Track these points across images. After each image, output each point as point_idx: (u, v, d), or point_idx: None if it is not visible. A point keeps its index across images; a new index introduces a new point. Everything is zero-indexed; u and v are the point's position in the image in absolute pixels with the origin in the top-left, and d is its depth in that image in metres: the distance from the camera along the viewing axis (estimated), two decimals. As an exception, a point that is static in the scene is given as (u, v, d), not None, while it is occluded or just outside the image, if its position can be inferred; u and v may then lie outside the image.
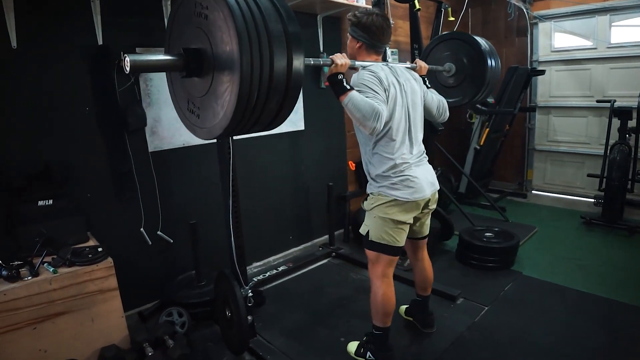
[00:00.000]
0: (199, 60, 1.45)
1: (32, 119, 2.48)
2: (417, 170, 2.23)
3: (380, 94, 2.02)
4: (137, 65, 1.36)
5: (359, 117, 1.93)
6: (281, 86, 1.42)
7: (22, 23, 2.36)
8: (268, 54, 1.36)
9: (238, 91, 1.33)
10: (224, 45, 1.35)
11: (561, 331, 2.69)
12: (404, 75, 2.28)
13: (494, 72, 2.97)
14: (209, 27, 1.39)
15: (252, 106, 1.39)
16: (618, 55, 4.90)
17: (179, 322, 2.73)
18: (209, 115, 1.52)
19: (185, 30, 1.53)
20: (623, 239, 4.10)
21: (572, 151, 5.51)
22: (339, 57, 2.00)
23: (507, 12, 5.42)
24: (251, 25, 1.33)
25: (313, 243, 4.26)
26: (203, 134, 1.60)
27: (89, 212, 2.67)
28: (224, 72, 1.37)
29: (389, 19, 2.26)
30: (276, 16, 1.42)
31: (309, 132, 4.01)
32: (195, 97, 1.58)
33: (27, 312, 2.05)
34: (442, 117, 2.52)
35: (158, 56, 1.44)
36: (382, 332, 2.37)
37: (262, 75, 1.36)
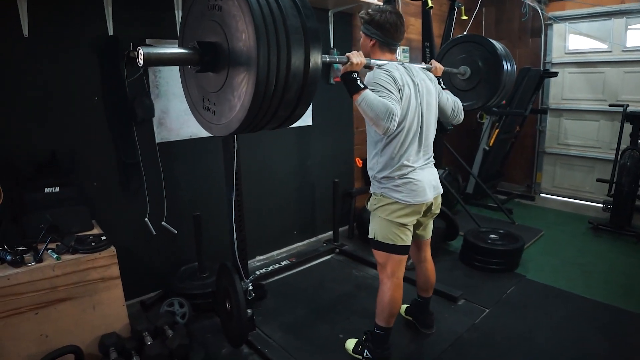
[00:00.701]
0: (214, 54, 1.43)
1: (41, 108, 2.50)
2: (421, 173, 2.21)
3: (394, 93, 1.99)
4: (152, 58, 1.33)
5: (372, 116, 1.90)
6: (298, 79, 1.39)
7: (34, 12, 2.39)
8: (285, 46, 1.33)
9: (255, 79, 1.30)
10: (240, 34, 1.32)
11: (562, 336, 2.67)
12: (419, 75, 2.26)
13: (510, 76, 2.93)
14: (223, 18, 1.38)
15: (269, 96, 1.36)
16: (633, 59, 4.83)
17: (179, 312, 2.76)
18: (225, 110, 1.51)
19: (199, 24, 1.52)
20: (630, 246, 4.06)
21: (583, 155, 5.45)
22: (355, 56, 1.96)
23: (522, 12, 5.35)
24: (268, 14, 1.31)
25: (317, 239, 4.27)
26: (219, 130, 1.57)
27: (94, 200, 2.71)
28: (240, 63, 1.35)
29: (402, 16, 2.23)
30: (294, 10, 1.40)
31: (317, 128, 4.01)
32: (210, 93, 1.56)
33: (30, 297, 2.08)
34: (457, 119, 2.48)
35: (172, 49, 1.42)
36: (383, 332, 2.37)
37: (280, 66, 1.33)
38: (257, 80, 1.30)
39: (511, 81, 2.98)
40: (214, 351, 2.58)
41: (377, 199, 2.26)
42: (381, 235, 2.24)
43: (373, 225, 2.30)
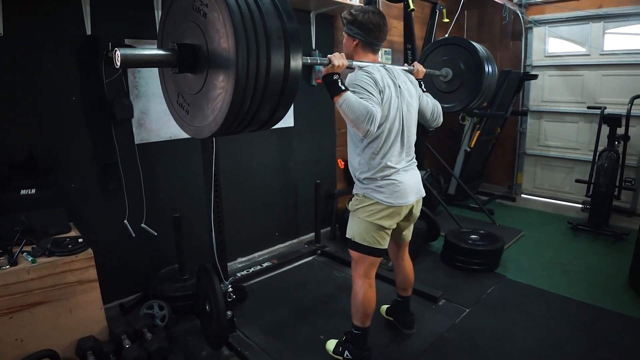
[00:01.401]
0: (193, 57, 1.40)
1: (17, 108, 2.46)
2: (405, 175, 2.21)
3: (375, 95, 2.00)
4: (129, 59, 1.30)
5: (352, 118, 1.90)
6: (278, 82, 1.37)
7: (10, 10, 2.34)
8: (265, 49, 1.31)
9: (231, 100, 1.28)
10: (220, 48, 1.30)
11: (542, 336, 2.70)
12: (400, 77, 2.27)
13: (491, 79, 2.96)
14: (206, 26, 1.35)
15: (244, 112, 1.35)
16: (611, 62, 4.92)
17: (159, 315, 2.73)
18: (198, 116, 1.48)
19: (180, 24, 1.48)
20: (608, 245, 4.13)
21: (562, 156, 5.54)
22: (337, 58, 1.96)
23: (503, 15, 5.41)
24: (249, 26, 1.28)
25: (299, 240, 4.26)
26: (190, 131, 1.56)
27: (72, 202, 2.67)
28: (219, 74, 1.33)
29: (384, 16, 2.24)
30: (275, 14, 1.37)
31: (299, 129, 4.00)
32: (186, 93, 1.53)
33: (4, 301, 2.04)
34: (436, 122, 2.50)
35: (150, 51, 1.39)
36: (361, 332, 2.37)
37: (258, 78, 1.31)
38: (232, 102, 1.28)
39: (493, 83, 3.01)
40: (193, 354, 2.56)
41: (358, 199, 2.25)
42: (359, 236, 2.24)
43: (352, 225, 2.29)
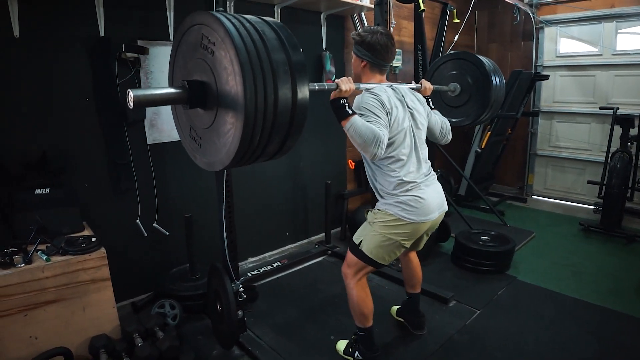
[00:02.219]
0: (202, 94, 1.42)
1: (32, 108, 2.49)
2: (427, 190, 2.19)
3: (382, 117, 2.01)
4: (141, 100, 1.33)
5: (360, 142, 1.92)
6: (285, 121, 1.39)
7: (25, 12, 2.38)
8: (272, 92, 1.32)
9: (241, 136, 1.30)
10: (229, 86, 1.31)
11: (552, 337, 2.69)
12: (408, 96, 2.28)
13: (499, 92, 2.96)
14: (214, 63, 1.36)
15: (254, 146, 1.37)
16: (623, 62, 4.88)
17: (170, 314, 2.75)
18: (210, 149, 1.50)
19: (190, 59, 1.50)
20: (620, 247, 4.09)
21: (574, 157, 5.50)
22: (344, 82, 1.96)
23: (514, 15, 5.40)
24: (256, 64, 1.29)
25: (309, 240, 4.27)
26: (203, 164, 1.58)
27: (85, 202, 2.69)
28: (228, 112, 1.34)
29: (392, 37, 2.25)
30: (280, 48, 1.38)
31: (309, 130, 3.97)
32: (198, 127, 1.55)
33: (19, 299, 2.07)
34: (445, 139, 2.50)
35: (161, 90, 1.40)
36: (365, 332, 2.38)
37: (267, 113, 1.32)
38: (242, 137, 1.30)
39: (501, 96, 3.01)
40: (204, 353, 2.58)
41: (379, 213, 2.21)
42: (368, 248, 2.21)
43: (365, 234, 2.25)
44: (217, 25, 1.31)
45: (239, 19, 1.37)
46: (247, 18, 1.40)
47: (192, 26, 1.47)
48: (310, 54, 3.90)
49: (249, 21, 1.39)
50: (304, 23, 3.80)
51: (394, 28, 4.57)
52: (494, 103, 2.94)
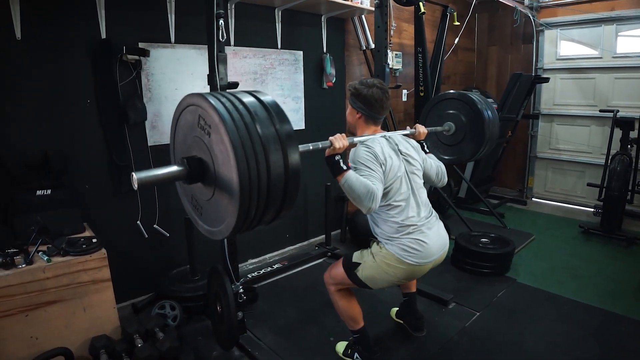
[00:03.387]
0: (201, 171, 1.48)
1: (33, 110, 2.51)
2: (429, 233, 2.20)
3: (375, 170, 2.05)
4: (144, 182, 1.38)
5: (354, 197, 1.97)
6: (279, 192, 1.45)
7: (27, 15, 2.40)
8: (265, 172, 1.38)
9: (237, 215, 1.37)
10: (225, 169, 1.38)
11: (552, 340, 2.69)
12: (402, 144, 2.32)
13: (492, 126, 3.00)
14: (211, 145, 1.42)
15: (251, 219, 1.43)
16: (623, 65, 4.89)
17: (171, 315, 2.76)
18: (209, 220, 1.57)
19: (189, 134, 1.56)
20: (620, 250, 4.09)
21: (574, 160, 5.51)
22: (338, 140, 2.02)
23: (514, 18, 5.41)
24: (249, 147, 1.34)
25: (309, 242, 4.28)
26: (205, 231, 1.64)
27: (86, 203, 2.71)
28: (224, 193, 1.41)
29: (388, 91, 2.31)
30: (269, 121, 1.44)
31: (309, 132, 4.02)
32: (198, 198, 1.62)
33: (20, 299, 2.08)
34: (441, 183, 2.54)
35: (162, 170, 1.45)
36: (359, 334, 2.40)
37: (260, 193, 1.38)
38: (240, 208, 1.36)
39: (495, 130, 3.05)
40: (204, 354, 2.58)
41: (383, 250, 2.21)
42: (364, 275, 2.23)
43: (364, 261, 2.24)
44: (211, 111, 1.37)
45: (233, 102, 1.42)
46: (240, 99, 1.45)
47: (189, 106, 1.54)
48: (311, 57, 3.92)
49: (242, 102, 1.43)
50: (304, 25, 3.81)
51: (394, 30, 4.59)
52: (489, 138, 2.99)
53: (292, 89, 3.84)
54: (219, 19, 2.23)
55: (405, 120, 5.10)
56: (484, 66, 6.27)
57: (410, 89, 4.89)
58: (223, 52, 2.33)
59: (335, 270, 2.36)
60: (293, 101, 3.86)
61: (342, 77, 4.25)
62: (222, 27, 2.24)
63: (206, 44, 2.35)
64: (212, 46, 2.30)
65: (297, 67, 3.84)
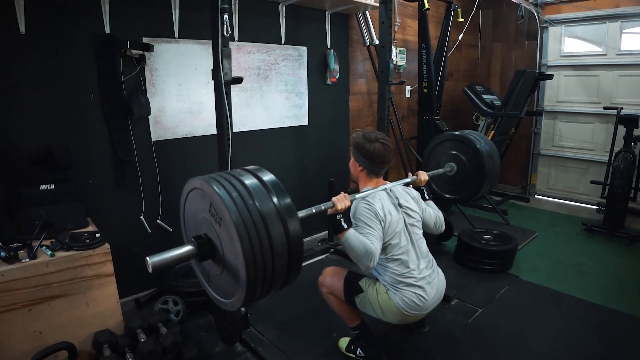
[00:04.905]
0: (210, 250, 1.52)
1: (37, 105, 2.51)
2: (428, 289, 2.26)
3: (375, 228, 2.12)
4: (157, 265, 1.42)
5: (353, 256, 2.05)
6: (284, 268, 1.48)
7: (31, 9, 2.40)
8: (271, 260, 1.42)
9: (244, 296, 1.43)
10: (232, 258, 1.43)
11: (555, 337, 2.69)
12: (402, 196, 2.37)
13: (493, 172, 3.06)
14: (222, 234, 1.46)
15: (259, 291, 1.48)
16: (628, 62, 4.87)
17: (174, 310, 2.76)
18: (219, 293, 1.63)
19: (199, 214, 1.58)
20: (623, 247, 4.09)
21: (577, 157, 5.50)
22: (340, 200, 2.06)
23: (518, 15, 5.39)
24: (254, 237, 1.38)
25: (312, 238, 4.28)
26: (214, 299, 1.68)
27: (90, 198, 2.71)
28: (232, 277, 1.46)
29: (389, 145, 2.35)
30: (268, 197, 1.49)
31: (313, 127, 4.02)
32: (209, 271, 1.66)
33: (24, 294, 2.09)
34: (438, 231, 2.61)
35: (174, 252, 1.48)
36: (359, 330, 2.43)
37: (266, 277, 1.43)
38: (246, 293, 1.41)
39: (496, 169, 3.11)
40: (207, 349, 2.59)
41: (383, 292, 2.27)
42: (361, 304, 2.32)
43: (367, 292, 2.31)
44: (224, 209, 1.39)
45: (243, 197, 1.43)
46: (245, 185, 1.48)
47: (194, 189, 1.60)
48: (315, 52, 3.91)
49: (251, 195, 1.45)
50: (308, 21, 3.80)
51: (398, 26, 4.58)
52: (489, 176, 3.04)
53: (296, 84, 3.83)
54: (223, 13, 2.23)
55: (409, 117, 5.09)
56: (487, 63, 6.25)
57: (414, 85, 4.88)
58: (227, 47, 2.32)
59: (333, 281, 2.42)
60: (297, 97, 3.86)
61: (346, 73, 4.24)
62: (226, 22, 2.24)
63: (210, 39, 2.34)
64: (217, 41, 2.29)
65: (301, 62, 3.83)
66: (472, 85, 5.37)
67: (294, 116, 3.87)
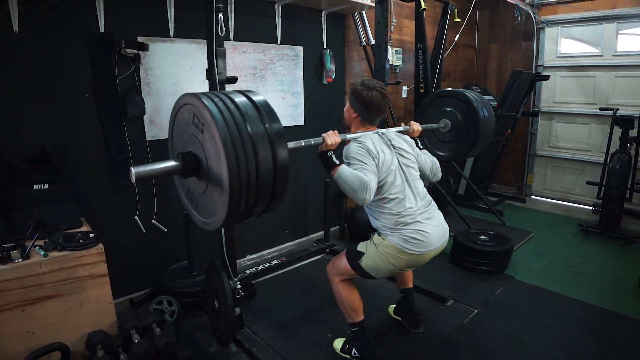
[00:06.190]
0: (195, 166, 1.54)
1: (31, 104, 2.49)
2: (428, 223, 2.21)
3: (368, 164, 2.08)
4: (142, 176, 1.45)
5: (348, 190, 2.02)
6: (269, 186, 1.51)
7: (25, 7, 2.38)
8: (255, 168, 1.43)
9: (227, 208, 1.43)
10: (216, 166, 1.44)
11: (550, 337, 2.69)
12: (395, 139, 2.35)
13: (488, 125, 3.01)
14: (204, 142, 1.48)
15: (241, 211, 1.49)
16: (624, 63, 4.88)
17: (168, 310, 2.75)
18: (204, 212, 1.64)
19: (185, 131, 1.61)
20: (619, 248, 4.10)
21: (573, 158, 5.51)
22: (330, 136, 2.08)
23: (515, 15, 5.40)
24: (239, 144, 1.39)
25: (308, 238, 4.27)
26: (199, 222, 1.70)
27: (84, 197, 2.69)
28: (216, 187, 1.47)
29: (387, 94, 2.32)
30: (260, 122, 1.49)
31: (309, 128, 4.01)
32: (194, 191, 1.68)
33: (16, 294, 2.07)
34: (435, 178, 2.57)
35: (159, 165, 1.52)
36: (358, 328, 2.40)
37: (250, 188, 1.44)
38: (230, 202, 1.42)
39: (490, 128, 3.07)
40: (201, 349, 2.58)
41: (385, 241, 2.23)
42: (368, 266, 2.25)
43: (368, 252, 2.26)
44: (204, 110, 1.43)
45: (225, 102, 1.48)
46: (232, 98, 1.51)
47: (184, 105, 1.59)
48: (311, 52, 3.90)
49: (234, 102, 1.49)
50: (304, 21, 3.79)
51: (394, 27, 4.57)
52: (484, 137, 3.01)
53: (292, 84, 3.82)
54: (218, 13, 2.22)
55: (405, 117, 5.08)
56: (484, 63, 6.26)
57: (410, 86, 4.87)
58: (222, 46, 2.32)
59: (338, 261, 2.37)
60: (292, 97, 3.85)
61: (342, 73, 4.23)
62: (221, 21, 2.24)
63: (205, 39, 2.33)
64: (212, 41, 2.28)
65: (297, 62, 3.82)
66: (469, 85, 5.37)
67: (289, 116, 3.85)
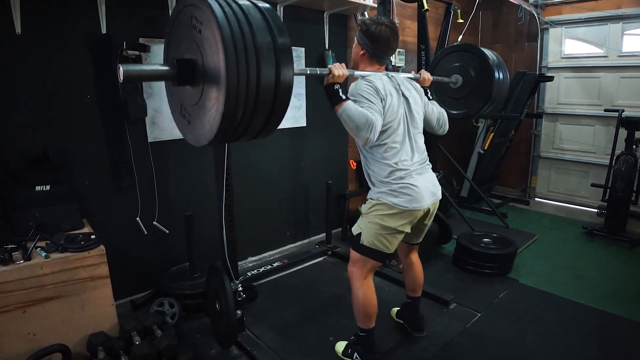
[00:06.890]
0: (190, 71, 1.48)
1: (33, 105, 2.49)
2: (419, 178, 2.18)
3: (375, 103, 2.01)
4: (131, 74, 1.38)
5: (352, 127, 1.94)
6: (269, 100, 1.44)
7: (27, 9, 2.38)
8: (255, 70, 1.37)
9: (222, 110, 1.35)
10: (213, 62, 1.37)
11: (553, 341, 2.67)
12: (404, 84, 2.27)
13: (502, 86, 2.91)
14: (201, 41, 1.42)
15: (237, 122, 1.42)
16: (629, 64, 4.85)
17: (169, 312, 2.75)
18: (197, 124, 1.57)
19: (182, 39, 1.55)
20: (624, 252, 4.06)
21: (578, 160, 5.47)
22: (337, 68, 1.99)
23: (518, 16, 5.36)
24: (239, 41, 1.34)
25: (310, 240, 4.26)
26: (191, 139, 1.64)
27: (85, 199, 2.69)
28: (212, 86, 1.39)
29: (397, 31, 2.23)
30: (266, 29, 1.43)
31: (311, 129, 4.00)
32: (187, 104, 1.61)
33: (18, 295, 2.07)
34: (442, 130, 2.50)
35: (151, 67, 1.47)
36: (366, 334, 2.37)
37: (249, 90, 1.37)
38: (224, 112, 1.35)
39: (504, 90, 2.96)
40: (203, 352, 2.57)
41: (372, 202, 2.22)
42: (368, 239, 2.21)
43: (362, 227, 2.25)
44: (204, 5, 1.35)
45: (228, 1, 1.40)
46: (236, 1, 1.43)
47: (184, 7, 1.51)
48: (313, 53, 3.89)
49: (237, 3, 1.41)
50: (306, 22, 3.79)
51: (397, 28, 4.55)
52: (495, 97, 2.89)
53: (294, 85, 3.79)
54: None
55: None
56: (487, 64, 6.22)
57: (413, 87, 4.85)
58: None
59: (350, 254, 2.34)
60: (295, 98, 3.84)
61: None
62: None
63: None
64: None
65: (299, 63, 3.81)
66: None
67: (292, 117, 3.85)
